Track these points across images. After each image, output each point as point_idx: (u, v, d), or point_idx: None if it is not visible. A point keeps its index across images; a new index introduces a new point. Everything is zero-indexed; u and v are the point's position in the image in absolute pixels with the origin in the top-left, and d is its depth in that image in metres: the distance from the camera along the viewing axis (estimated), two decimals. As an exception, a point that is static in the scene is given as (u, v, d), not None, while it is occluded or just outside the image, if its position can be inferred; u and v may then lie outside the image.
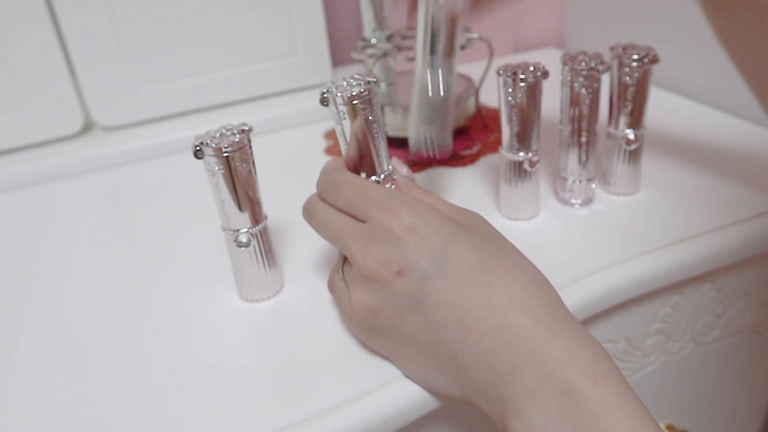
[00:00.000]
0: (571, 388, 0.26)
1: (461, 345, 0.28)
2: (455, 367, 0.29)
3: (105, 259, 0.45)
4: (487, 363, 0.28)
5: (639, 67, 0.41)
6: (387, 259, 0.30)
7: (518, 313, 0.28)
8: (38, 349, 0.36)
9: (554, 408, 0.26)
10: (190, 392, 0.32)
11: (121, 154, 0.59)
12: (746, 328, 0.49)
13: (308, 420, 0.30)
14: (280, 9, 0.61)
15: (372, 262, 0.30)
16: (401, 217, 0.30)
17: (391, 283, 0.30)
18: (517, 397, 0.27)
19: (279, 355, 0.34)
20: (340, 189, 0.33)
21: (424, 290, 0.29)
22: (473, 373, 0.28)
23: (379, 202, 0.31)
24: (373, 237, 0.31)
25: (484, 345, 0.28)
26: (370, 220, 0.31)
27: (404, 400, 0.31)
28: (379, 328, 0.31)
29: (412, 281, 0.29)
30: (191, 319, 0.37)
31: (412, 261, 0.30)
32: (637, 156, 0.45)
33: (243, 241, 0.36)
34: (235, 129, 0.34)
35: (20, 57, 0.54)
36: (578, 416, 0.26)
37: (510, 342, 0.27)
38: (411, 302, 0.30)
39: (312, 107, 0.64)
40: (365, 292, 0.31)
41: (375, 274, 0.30)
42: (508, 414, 0.27)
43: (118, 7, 0.56)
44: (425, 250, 0.30)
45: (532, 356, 0.27)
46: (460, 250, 0.30)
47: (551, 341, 0.27)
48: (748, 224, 0.42)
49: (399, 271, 0.30)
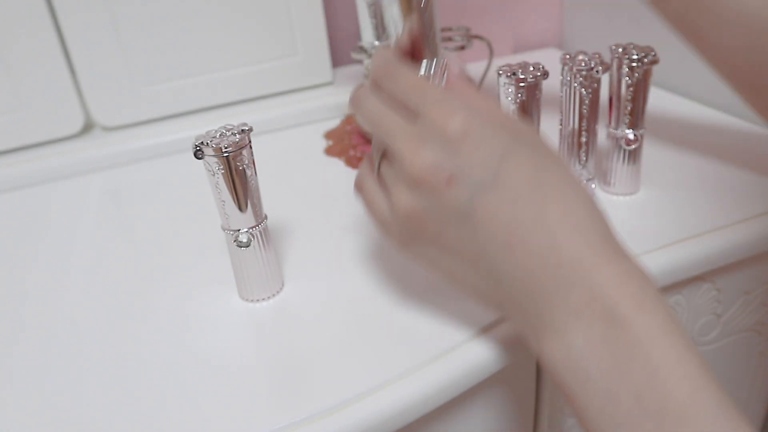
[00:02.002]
0: (617, 313, 0.25)
1: (507, 261, 0.27)
2: (497, 281, 0.28)
3: (105, 260, 0.45)
4: (531, 281, 0.27)
5: (639, 67, 0.41)
6: (438, 164, 0.28)
7: (569, 234, 0.27)
8: (38, 349, 0.36)
9: (597, 331, 0.25)
10: (190, 392, 0.32)
11: (121, 154, 0.59)
12: (746, 327, 0.49)
13: (308, 420, 0.30)
14: (280, 9, 0.61)
15: (421, 165, 0.28)
16: (457, 121, 0.28)
17: (439, 190, 0.28)
18: (559, 317, 0.26)
19: (279, 355, 0.34)
20: (396, 81, 0.30)
21: (474, 202, 0.28)
22: (515, 290, 0.28)
23: (436, 102, 0.29)
24: (425, 138, 0.28)
25: (530, 263, 0.27)
26: (424, 120, 0.29)
27: (404, 400, 0.31)
28: (420, 236, 0.30)
29: (463, 191, 0.28)
30: (191, 319, 0.37)
31: (465, 169, 0.27)
32: (636, 156, 0.45)
33: (243, 241, 0.36)
34: (235, 129, 0.34)
35: (20, 57, 0.54)
36: (621, 342, 0.25)
37: (558, 263, 0.26)
38: (459, 213, 0.28)
39: (312, 107, 0.64)
40: (410, 197, 0.29)
41: (423, 179, 0.28)
42: (545, 334, 0.27)
43: (118, 7, 0.56)
44: (480, 159, 0.27)
45: (580, 279, 0.26)
46: (515, 163, 0.28)
47: (600, 265, 0.26)
48: (748, 224, 0.42)
49: (450, 178, 0.28)
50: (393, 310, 0.37)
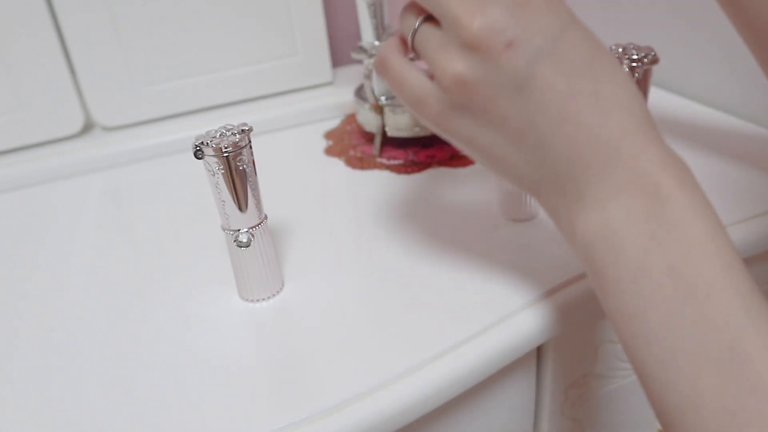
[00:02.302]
0: (660, 191, 0.26)
1: (556, 134, 0.27)
2: (540, 157, 0.28)
3: (105, 260, 0.45)
4: (578, 156, 0.27)
5: (639, 67, 0.41)
6: (500, 25, 0.26)
7: (621, 113, 0.27)
8: (38, 348, 0.36)
9: (638, 205, 0.26)
10: (190, 392, 0.32)
11: (121, 154, 0.59)
12: (746, 328, 0.49)
13: (308, 420, 0.30)
14: (280, 9, 0.61)
15: (481, 25, 0.26)
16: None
17: (497, 54, 0.26)
18: (602, 191, 0.27)
19: (279, 355, 0.34)
20: None
21: (533, 69, 0.27)
22: (558, 165, 0.28)
23: None
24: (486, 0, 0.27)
25: (581, 138, 0.27)
26: None
27: (404, 400, 0.31)
28: (467, 106, 0.28)
29: (522, 57, 0.26)
30: (191, 319, 0.37)
31: (527, 34, 0.26)
32: (637, 156, 0.44)
33: (243, 241, 0.36)
34: (235, 129, 0.34)
35: (20, 57, 0.54)
36: (660, 217, 0.26)
37: (608, 139, 0.27)
38: (514, 80, 0.27)
39: (312, 107, 0.64)
40: (463, 62, 0.27)
41: (483, 40, 0.26)
42: (582, 207, 0.27)
43: (118, 7, 0.56)
44: (543, 26, 0.27)
45: (626, 157, 0.27)
46: (576, 36, 0.27)
47: (647, 146, 0.27)
48: (748, 224, 0.42)
49: (510, 42, 0.26)
50: (393, 310, 0.37)
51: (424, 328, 0.35)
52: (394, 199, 0.48)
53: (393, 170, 0.53)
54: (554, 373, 0.41)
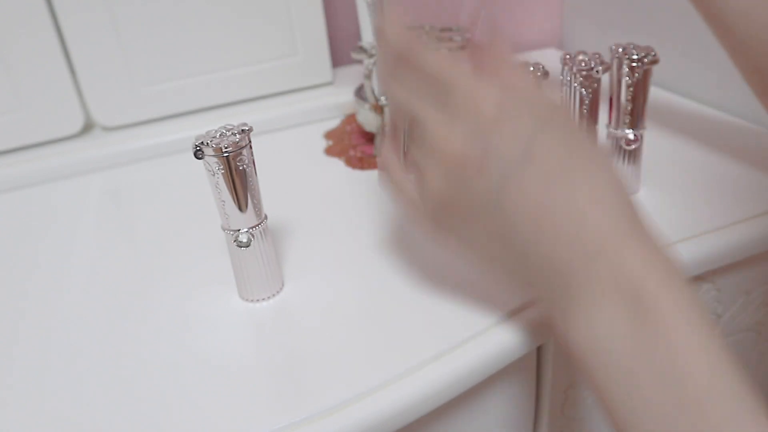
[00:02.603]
0: (642, 294, 0.26)
1: (536, 240, 0.28)
2: (527, 260, 0.29)
3: (105, 260, 0.45)
4: (560, 261, 0.27)
5: (639, 67, 0.41)
6: (469, 147, 0.28)
7: (598, 213, 0.27)
8: (38, 348, 0.36)
9: (622, 310, 0.26)
10: (190, 392, 0.32)
11: (121, 154, 0.59)
12: (746, 327, 0.49)
13: (308, 420, 0.30)
14: (280, 9, 0.61)
15: (453, 145, 0.28)
16: (490, 101, 0.28)
17: (471, 170, 0.28)
18: (585, 296, 0.27)
19: (279, 355, 0.34)
20: (423, 61, 0.30)
21: (506, 181, 0.28)
22: (544, 269, 0.28)
23: (468, 80, 0.28)
24: (456, 120, 0.28)
25: (559, 243, 0.27)
26: (456, 99, 0.28)
27: (404, 400, 0.31)
28: (453, 216, 0.30)
29: (494, 170, 0.28)
30: (191, 319, 0.37)
31: (497, 148, 0.28)
32: (637, 156, 0.45)
33: (243, 241, 0.36)
34: (235, 129, 0.34)
35: (20, 57, 0.54)
36: (645, 322, 0.25)
37: (585, 242, 0.27)
38: (489, 190, 0.28)
39: (312, 107, 0.64)
40: (443, 178, 0.29)
41: (455, 159, 0.28)
42: (571, 312, 0.27)
43: (118, 7, 0.56)
44: (511, 138, 0.27)
45: (607, 260, 0.27)
46: (547, 143, 0.28)
47: (627, 247, 0.27)
48: (748, 224, 0.42)
49: (481, 157, 0.28)
50: (393, 311, 0.37)
51: (424, 328, 0.35)
52: (394, 199, 0.48)
53: (393, 170, 0.53)
54: (554, 373, 0.41)
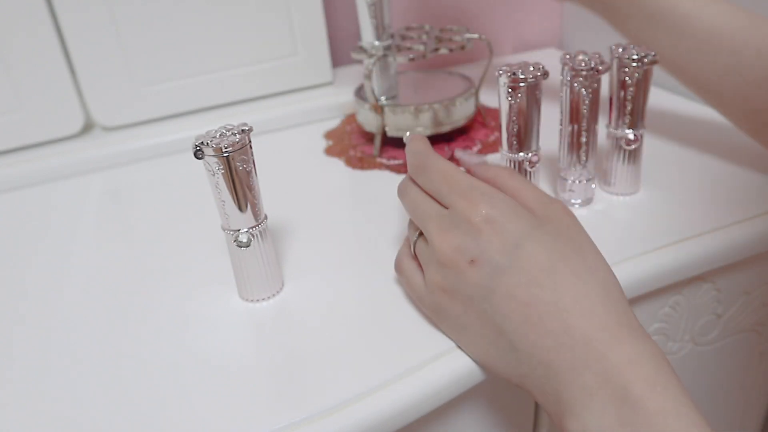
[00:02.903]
0: (630, 395, 0.26)
1: (523, 340, 0.29)
2: (516, 358, 0.30)
3: (105, 260, 0.45)
4: (547, 361, 0.29)
5: (639, 67, 0.41)
6: (462, 247, 0.31)
7: (582, 318, 0.28)
8: (37, 348, 0.36)
9: (611, 413, 0.26)
10: (191, 392, 0.32)
11: (121, 154, 0.59)
12: (746, 327, 0.49)
13: (308, 420, 0.30)
14: (280, 9, 0.61)
15: (448, 248, 0.32)
16: (480, 209, 0.31)
17: (463, 271, 0.31)
18: (575, 398, 0.27)
19: (279, 355, 0.34)
20: (429, 174, 0.34)
21: (494, 282, 0.30)
22: (533, 368, 0.29)
23: (463, 192, 0.32)
24: (452, 224, 0.32)
25: (545, 343, 0.29)
26: (452, 208, 0.32)
27: (404, 401, 0.31)
28: (449, 310, 0.33)
29: (484, 272, 0.31)
30: (191, 319, 0.37)
31: (486, 253, 0.31)
32: (637, 156, 0.45)
33: (243, 241, 0.36)
34: (235, 129, 0.34)
35: (20, 57, 0.54)
36: (634, 423, 0.26)
37: (571, 345, 0.28)
38: (480, 292, 0.31)
39: (312, 107, 0.64)
40: (439, 275, 0.32)
41: (450, 260, 0.32)
42: (564, 413, 0.28)
43: (118, 7, 0.56)
44: (499, 244, 0.30)
45: (593, 361, 0.27)
46: (532, 249, 0.30)
47: (612, 348, 0.27)
48: (748, 224, 0.42)
49: (472, 260, 0.31)
50: (393, 310, 0.37)
51: (424, 328, 0.35)
52: (394, 199, 0.48)
53: (393, 170, 0.53)
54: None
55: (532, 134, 0.41)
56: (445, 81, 0.60)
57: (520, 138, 0.41)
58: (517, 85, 0.38)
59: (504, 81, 0.39)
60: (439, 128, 0.54)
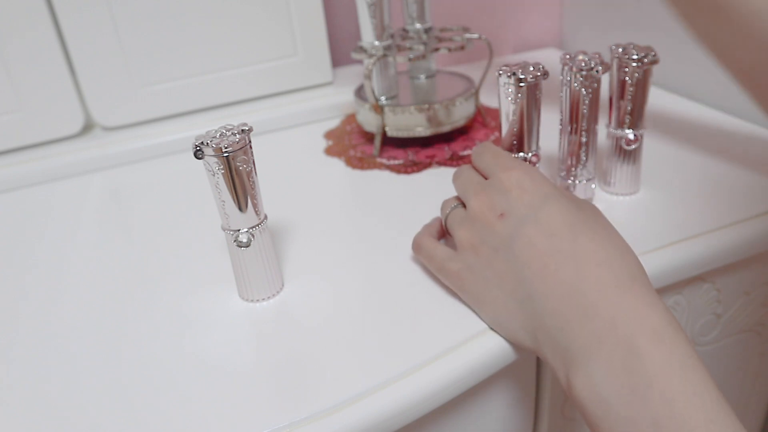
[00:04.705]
0: (637, 344, 0.27)
1: (540, 287, 0.31)
2: (532, 309, 0.31)
3: (104, 260, 0.45)
4: (559, 309, 0.30)
5: (639, 67, 0.41)
6: (493, 203, 0.35)
7: (597, 268, 0.30)
8: (37, 348, 0.36)
9: (616, 360, 0.27)
10: (190, 392, 0.32)
11: (121, 154, 0.59)
12: (746, 327, 0.49)
13: (308, 420, 0.30)
14: (280, 9, 0.61)
15: (482, 205, 0.36)
16: (513, 173, 0.35)
17: (492, 223, 0.34)
18: (582, 346, 0.28)
19: (279, 355, 0.34)
20: (482, 155, 0.39)
21: (518, 231, 0.33)
22: (546, 318, 0.30)
23: (502, 163, 0.37)
24: (488, 187, 0.36)
25: (560, 290, 0.30)
26: (492, 176, 0.37)
27: (404, 400, 0.31)
28: (474, 265, 0.35)
29: (510, 223, 0.34)
30: (191, 319, 0.37)
31: (513, 207, 0.34)
32: (636, 156, 0.45)
33: (243, 241, 0.36)
34: (235, 129, 0.34)
35: (20, 57, 0.54)
36: (639, 371, 0.26)
37: (584, 292, 0.29)
38: (505, 241, 0.33)
39: (312, 107, 0.64)
40: (470, 230, 0.36)
41: (481, 214, 0.35)
42: (571, 363, 0.29)
43: (118, 7, 0.56)
44: (526, 201, 0.34)
45: (603, 309, 0.28)
46: (557, 207, 0.33)
47: (624, 297, 0.29)
48: (748, 224, 0.42)
49: (501, 214, 0.34)
50: (393, 310, 0.37)
51: (423, 328, 0.35)
52: (394, 199, 0.48)
53: (393, 170, 0.53)
54: (554, 374, 0.41)
55: (532, 134, 0.41)
56: (445, 81, 0.60)
57: (520, 138, 0.41)
58: (517, 85, 0.38)
59: (504, 81, 0.39)
60: (439, 128, 0.54)
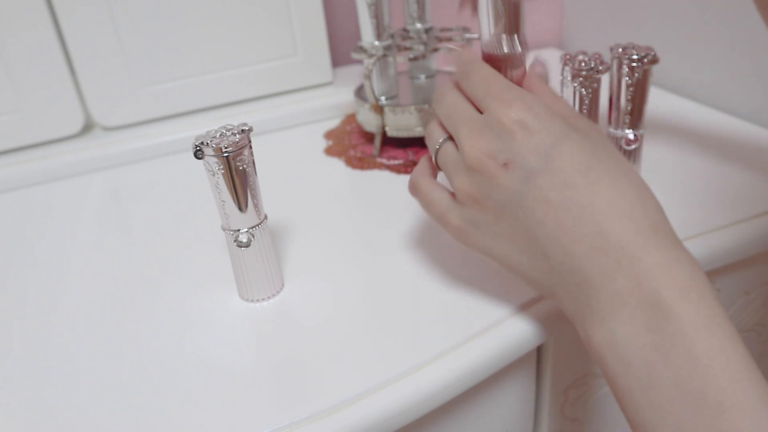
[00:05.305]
0: (662, 301, 0.25)
1: (556, 245, 0.28)
2: (548, 266, 0.29)
3: (104, 259, 0.45)
4: (579, 266, 0.28)
5: (639, 67, 0.41)
6: (494, 151, 0.30)
7: (618, 221, 0.27)
8: (37, 348, 0.36)
9: (640, 318, 0.26)
10: (190, 392, 0.32)
11: (121, 154, 0.59)
12: (746, 327, 0.49)
13: (308, 420, 0.30)
14: (280, 9, 0.61)
15: (479, 152, 0.30)
16: (513, 110, 0.30)
17: (495, 175, 0.30)
18: (604, 303, 0.27)
19: (279, 355, 0.34)
20: (469, 78, 0.33)
21: (527, 186, 0.29)
22: (565, 275, 0.28)
23: (497, 93, 0.31)
24: (485, 127, 0.31)
25: (578, 248, 0.28)
26: (486, 111, 0.31)
27: (404, 400, 0.31)
28: (479, 219, 0.31)
29: (516, 176, 0.29)
30: (191, 319, 0.37)
31: (519, 155, 0.29)
32: (636, 156, 0.45)
33: (243, 241, 0.36)
34: (235, 129, 0.34)
35: (20, 57, 0.54)
36: (665, 330, 0.25)
37: (605, 248, 0.27)
38: (513, 196, 0.30)
39: (312, 107, 0.64)
40: (470, 182, 0.31)
41: (481, 165, 0.30)
42: (591, 320, 0.27)
43: (117, 7, 0.56)
44: (533, 146, 0.29)
45: (626, 265, 0.26)
46: (568, 150, 0.29)
47: (648, 253, 0.27)
48: (748, 224, 0.42)
49: (505, 164, 0.30)
50: (393, 310, 0.37)
51: (423, 328, 0.35)
52: (394, 199, 0.48)
53: (393, 170, 0.53)
54: (554, 373, 0.41)
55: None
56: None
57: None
58: None
59: None
60: (439, 128, 0.54)
